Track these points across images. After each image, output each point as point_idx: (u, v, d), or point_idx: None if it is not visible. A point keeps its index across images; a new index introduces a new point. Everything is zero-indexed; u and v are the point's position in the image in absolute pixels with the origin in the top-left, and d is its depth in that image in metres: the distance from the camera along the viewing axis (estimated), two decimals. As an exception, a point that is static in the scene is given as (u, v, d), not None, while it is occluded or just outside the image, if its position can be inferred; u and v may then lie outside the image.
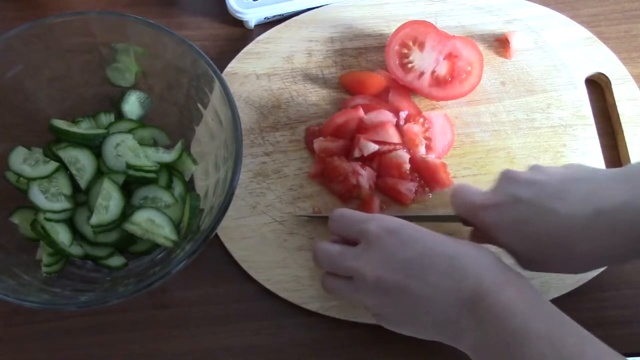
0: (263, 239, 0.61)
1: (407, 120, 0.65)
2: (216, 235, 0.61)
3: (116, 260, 0.58)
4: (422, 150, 0.64)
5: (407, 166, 0.63)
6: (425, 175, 0.63)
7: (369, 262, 0.51)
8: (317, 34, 0.71)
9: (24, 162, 0.57)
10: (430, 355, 0.59)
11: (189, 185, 0.61)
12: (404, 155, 0.63)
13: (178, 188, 0.60)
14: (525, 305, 0.45)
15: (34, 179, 0.57)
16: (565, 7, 0.74)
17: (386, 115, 0.64)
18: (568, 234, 0.49)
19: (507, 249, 0.53)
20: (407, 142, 0.64)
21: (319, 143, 0.63)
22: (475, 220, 0.55)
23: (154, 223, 0.56)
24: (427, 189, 0.64)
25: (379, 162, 0.63)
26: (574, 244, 0.49)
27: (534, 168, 0.55)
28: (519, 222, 0.51)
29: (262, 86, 0.68)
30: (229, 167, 0.53)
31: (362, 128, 0.64)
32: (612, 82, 0.69)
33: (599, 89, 0.71)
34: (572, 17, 0.73)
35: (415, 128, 0.64)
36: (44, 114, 0.59)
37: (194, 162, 0.61)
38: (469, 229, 0.58)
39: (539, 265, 0.53)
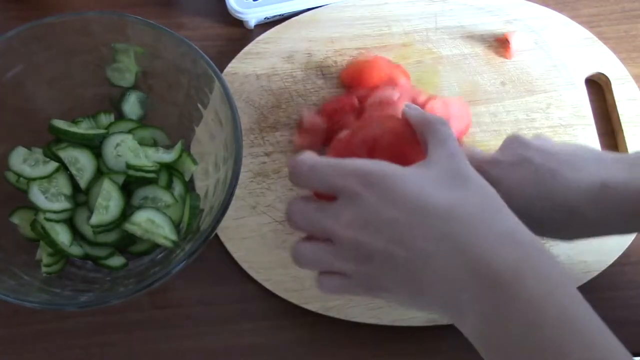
0: (263, 239, 0.61)
1: (425, 102, 0.63)
2: (216, 235, 0.61)
3: (116, 261, 0.58)
4: None
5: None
6: None
7: (348, 224, 0.41)
8: (317, 34, 0.71)
9: (24, 162, 0.57)
10: (429, 354, 0.59)
11: (189, 185, 0.61)
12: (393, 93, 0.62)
13: (178, 188, 0.60)
14: (550, 301, 0.38)
15: (34, 179, 0.57)
16: (565, 7, 0.74)
17: (394, 93, 0.63)
18: (576, 200, 0.50)
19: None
20: None
21: (309, 115, 0.64)
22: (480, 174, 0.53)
23: (153, 223, 0.56)
24: None
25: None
26: (579, 210, 0.50)
27: (540, 137, 0.55)
28: (526, 182, 0.51)
29: (262, 86, 0.68)
30: (229, 167, 0.53)
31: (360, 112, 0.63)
32: (612, 82, 0.69)
33: (599, 89, 0.71)
34: (572, 17, 0.73)
35: (437, 105, 0.63)
36: (44, 114, 0.59)
37: (194, 162, 0.61)
38: None
39: (534, 228, 0.47)
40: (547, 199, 0.51)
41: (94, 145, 0.59)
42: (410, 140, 0.48)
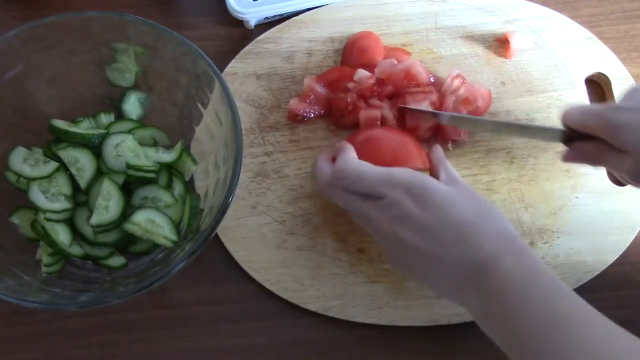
0: (263, 239, 0.61)
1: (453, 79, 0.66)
2: (216, 235, 0.61)
3: (116, 260, 0.58)
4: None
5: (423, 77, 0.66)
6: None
7: (390, 219, 0.52)
8: (317, 34, 0.71)
9: (24, 162, 0.57)
10: (430, 354, 0.59)
11: (189, 185, 0.61)
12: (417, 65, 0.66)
13: (178, 188, 0.60)
14: (522, 272, 0.48)
15: (34, 179, 0.57)
16: (565, 7, 0.74)
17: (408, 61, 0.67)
18: None
19: (631, 153, 0.54)
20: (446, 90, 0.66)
21: (310, 81, 0.66)
22: (601, 124, 0.55)
23: (153, 223, 0.56)
24: (449, 142, 0.66)
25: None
26: None
27: None
28: None
29: (262, 86, 0.68)
30: (229, 167, 0.53)
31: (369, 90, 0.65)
32: (612, 82, 0.69)
33: (599, 89, 0.71)
34: (572, 17, 0.73)
35: (466, 85, 0.66)
36: (44, 114, 0.59)
37: (194, 162, 0.61)
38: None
39: None
40: None
41: (94, 145, 0.59)
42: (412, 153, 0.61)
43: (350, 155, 0.57)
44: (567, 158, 0.60)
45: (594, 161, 0.58)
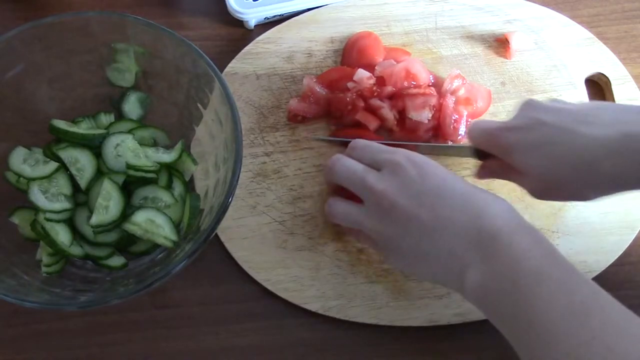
0: (263, 239, 0.61)
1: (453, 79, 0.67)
2: (216, 235, 0.61)
3: (116, 261, 0.58)
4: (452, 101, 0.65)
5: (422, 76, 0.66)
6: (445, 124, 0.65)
7: (389, 187, 0.52)
8: (317, 34, 0.71)
9: (24, 162, 0.57)
10: (429, 354, 0.59)
11: (189, 185, 0.61)
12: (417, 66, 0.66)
13: (178, 188, 0.60)
14: (540, 251, 0.46)
15: (34, 179, 0.57)
16: (565, 7, 0.74)
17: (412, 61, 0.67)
18: (594, 155, 0.49)
19: (525, 173, 0.53)
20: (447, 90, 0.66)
21: (310, 81, 0.66)
22: (495, 144, 0.55)
23: (153, 223, 0.56)
24: (449, 142, 0.66)
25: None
26: (599, 164, 0.50)
27: (556, 100, 0.56)
28: (542, 143, 0.52)
29: (262, 86, 0.68)
30: (229, 167, 0.53)
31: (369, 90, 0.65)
32: (612, 82, 0.69)
33: (599, 89, 0.71)
34: (572, 17, 0.73)
35: (466, 86, 0.66)
36: (44, 114, 0.59)
37: (194, 162, 0.61)
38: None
39: (555, 191, 0.54)
40: (563, 157, 0.51)
41: (94, 145, 0.59)
42: None
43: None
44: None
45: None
